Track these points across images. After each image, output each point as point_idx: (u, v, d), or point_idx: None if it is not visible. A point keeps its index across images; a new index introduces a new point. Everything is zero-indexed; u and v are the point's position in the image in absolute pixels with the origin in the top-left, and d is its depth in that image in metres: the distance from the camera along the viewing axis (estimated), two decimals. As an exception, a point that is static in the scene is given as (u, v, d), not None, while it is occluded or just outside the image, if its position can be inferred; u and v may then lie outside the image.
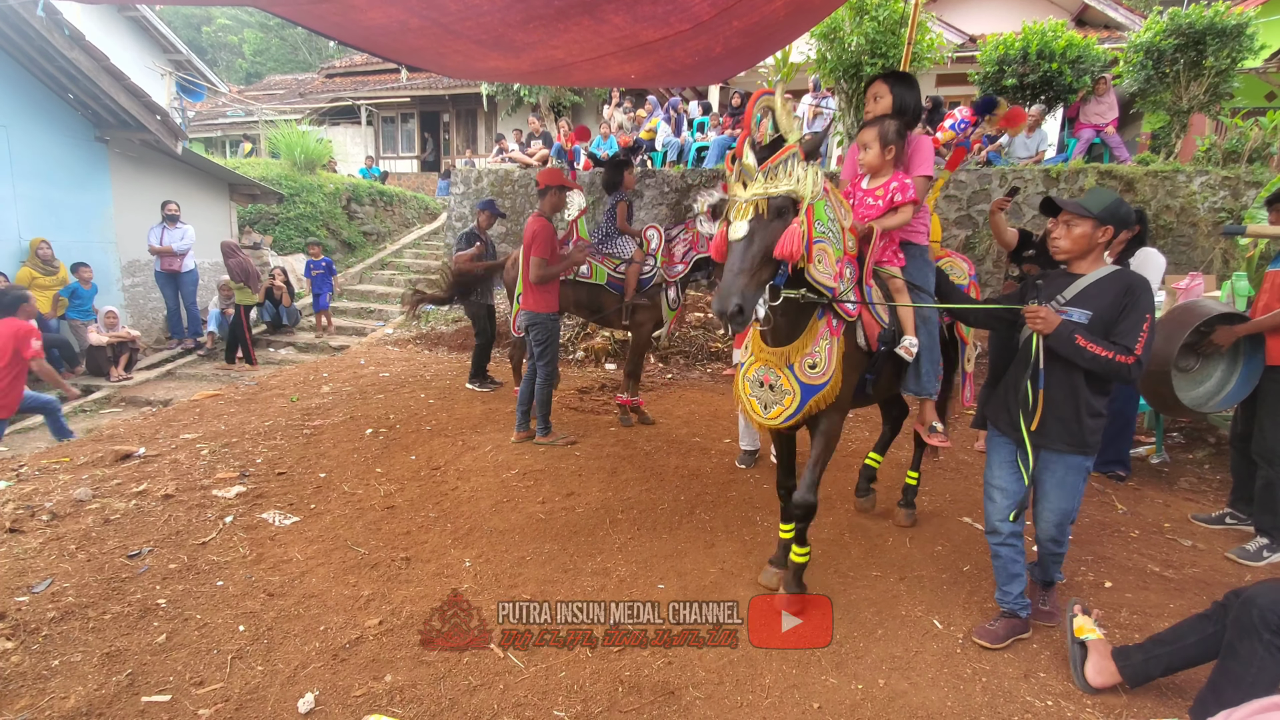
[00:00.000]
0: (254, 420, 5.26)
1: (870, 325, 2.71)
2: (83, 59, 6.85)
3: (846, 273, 2.54)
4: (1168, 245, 7.09)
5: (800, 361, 2.58)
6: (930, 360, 2.90)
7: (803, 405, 2.58)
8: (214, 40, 29.82)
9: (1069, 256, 2.51)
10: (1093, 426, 2.47)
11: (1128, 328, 2.33)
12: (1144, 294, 2.35)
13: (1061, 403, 2.47)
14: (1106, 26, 12.54)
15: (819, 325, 2.56)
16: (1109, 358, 2.30)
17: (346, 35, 4.27)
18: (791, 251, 2.21)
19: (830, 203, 2.46)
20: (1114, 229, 2.44)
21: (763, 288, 2.30)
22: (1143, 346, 2.30)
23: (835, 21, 8.19)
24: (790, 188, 2.27)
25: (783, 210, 2.28)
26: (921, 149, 2.93)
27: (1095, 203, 2.42)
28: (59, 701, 2.27)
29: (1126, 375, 2.31)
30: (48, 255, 7.16)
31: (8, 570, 3.05)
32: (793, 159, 2.28)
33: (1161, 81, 8.21)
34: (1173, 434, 5.12)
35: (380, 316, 9.73)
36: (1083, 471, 2.52)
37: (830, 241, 2.42)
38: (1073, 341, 2.34)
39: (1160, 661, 2.34)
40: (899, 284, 2.86)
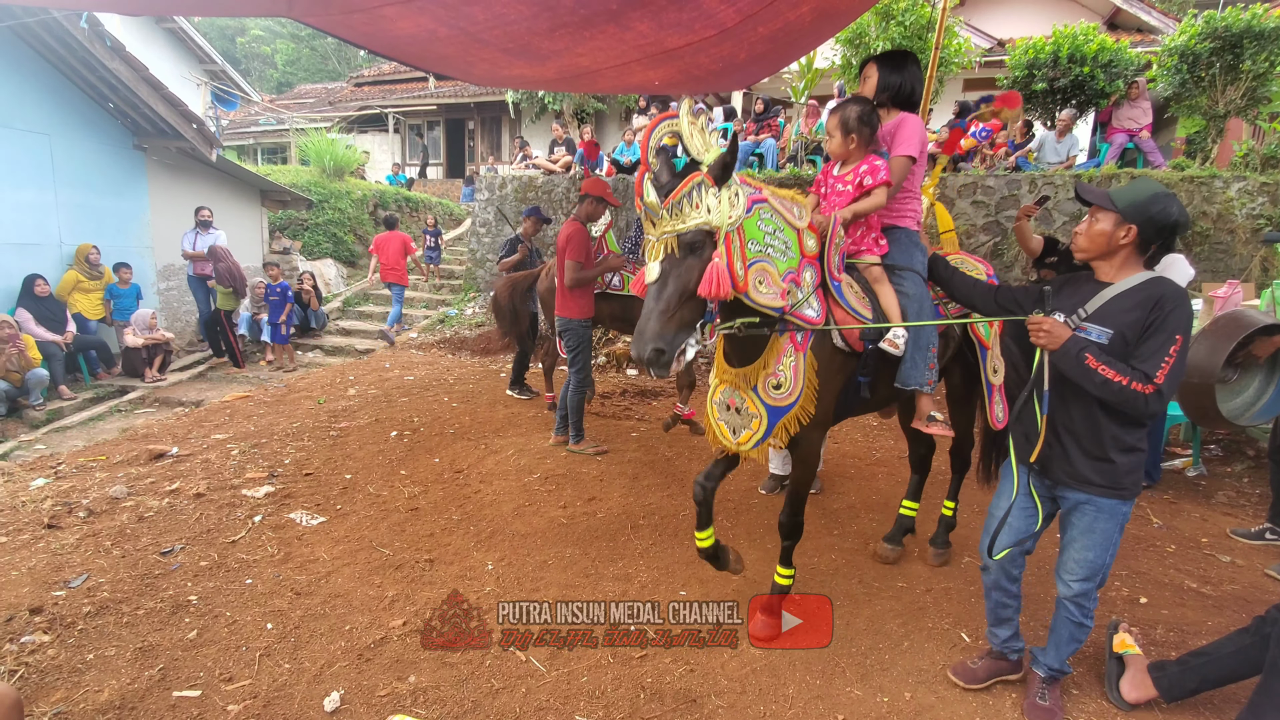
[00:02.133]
0: (282, 422, 5.35)
1: (849, 323, 2.50)
2: (123, 69, 7.05)
3: (806, 278, 2.38)
4: (1204, 252, 6.92)
5: (764, 382, 2.41)
6: (919, 349, 2.62)
7: (771, 428, 2.43)
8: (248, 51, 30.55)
9: (1087, 257, 2.13)
10: (1127, 465, 2.07)
11: (1151, 349, 1.93)
12: (1177, 310, 1.94)
13: (1084, 434, 2.10)
14: (1139, 30, 12.30)
15: (780, 342, 2.38)
16: (1123, 384, 1.91)
17: (377, 45, 4.34)
18: (717, 290, 2.03)
19: (772, 212, 2.29)
20: (1139, 230, 2.01)
21: (688, 328, 2.11)
22: (1167, 374, 1.90)
23: (861, 27, 8.15)
24: (701, 220, 2.05)
25: (696, 245, 2.08)
26: (905, 128, 2.73)
27: (1125, 194, 2.04)
28: (93, 695, 2.33)
29: (1143, 408, 1.92)
30: (96, 261, 7.38)
31: (45, 565, 3.14)
32: (699, 188, 2.05)
33: (1197, 85, 8.03)
34: (1210, 446, 4.98)
35: (405, 321, 9.84)
36: (1118, 518, 2.11)
37: (772, 258, 2.26)
38: (1081, 361, 1.97)
39: (1195, 674, 2.27)
40: (876, 272, 2.63)
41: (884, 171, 2.58)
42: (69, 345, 6.85)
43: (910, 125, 2.72)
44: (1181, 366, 1.92)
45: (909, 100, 2.77)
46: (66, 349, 6.81)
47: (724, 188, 2.09)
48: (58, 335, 6.73)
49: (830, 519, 3.79)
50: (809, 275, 2.40)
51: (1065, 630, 2.28)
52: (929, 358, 2.64)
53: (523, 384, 6.27)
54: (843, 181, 2.69)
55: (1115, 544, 2.16)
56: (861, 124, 2.62)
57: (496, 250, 9.08)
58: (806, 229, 2.43)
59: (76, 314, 7.13)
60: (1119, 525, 2.12)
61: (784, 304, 2.28)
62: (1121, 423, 2.05)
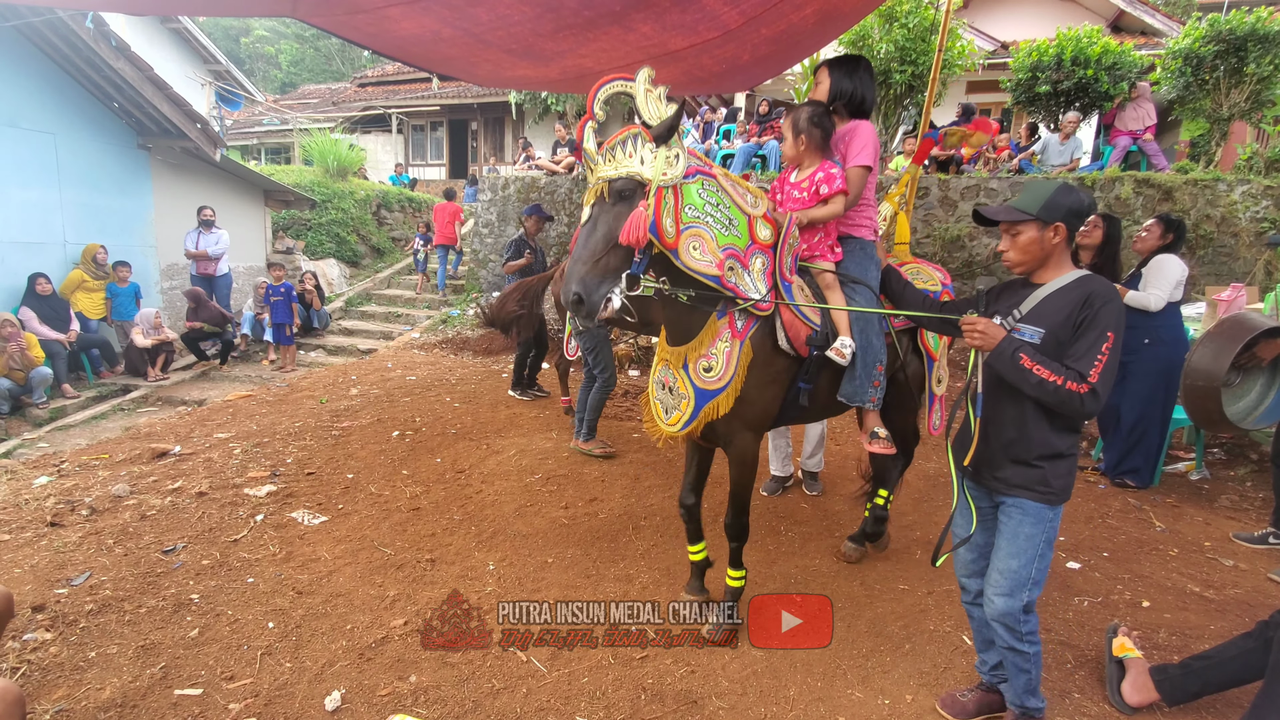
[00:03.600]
0: (285, 421, 5.36)
1: (794, 326, 2.46)
2: (128, 69, 7.08)
3: (757, 264, 2.40)
4: (1208, 255, 6.90)
5: (695, 363, 2.41)
6: (866, 363, 2.58)
7: (697, 411, 2.41)
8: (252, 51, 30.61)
9: (1026, 269, 2.08)
10: (1055, 470, 1.99)
11: (1083, 348, 1.89)
12: (1106, 306, 1.89)
13: (1014, 439, 2.04)
14: (1143, 33, 12.28)
15: (719, 325, 2.39)
16: (1058, 384, 1.86)
17: (381, 45, 4.36)
18: (635, 237, 2.09)
19: (718, 188, 2.33)
20: (1066, 225, 1.98)
21: (612, 275, 2.15)
22: (1100, 372, 1.85)
23: (864, 29, 8.15)
24: (632, 169, 2.14)
25: (625, 193, 2.15)
26: (857, 137, 2.66)
27: (1031, 200, 1.99)
28: (95, 692, 2.33)
29: (1079, 407, 1.86)
30: (104, 261, 7.41)
31: (48, 563, 3.14)
32: (633, 140, 2.15)
33: (1201, 88, 8.02)
34: (1213, 450, 4.97)
35: (407, 320, 9.86)
36: (1044, 524, 2.00)
37: (711, 227, 2.29)
38: (1016, 362, 1.92)
39: (1197, 678, 2.26)
40: (829, 279, 2.60)
41: (840, 180, 2.55)
42: (72, 344, 6.87)
43: (863, 134, 2.66)
44: (1115, 364, 1.87)
45: (861, 107, 2.74)
46: (70, 348, 6.83)
47: (664, 147, 2.15)
48: (61, 334, 6.75)
49: (831, 520, 3.78)
50: (759, 261, 2.42)
51: (1007, 660, 2.13)
52: (875, 374, 2.60)
53: (527, 384, 6.17)
54: (798, 188, 2.66)
55: (1042, 557, 2.03)
56: (813, 125, 2.59)
57: (499, 251, 9.10)
58: (760, 218, 2.44)
59: (79, 313, 7.15)
60: (1044, 534, 2.01)
61: (718, 274, 2.29)
62: (1052, 427, 1.99)
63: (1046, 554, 2.03)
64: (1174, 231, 4.14)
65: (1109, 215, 4.34)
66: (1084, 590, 3.12)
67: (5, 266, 6.76)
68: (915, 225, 7.92)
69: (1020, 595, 2.03)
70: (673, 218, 2.20)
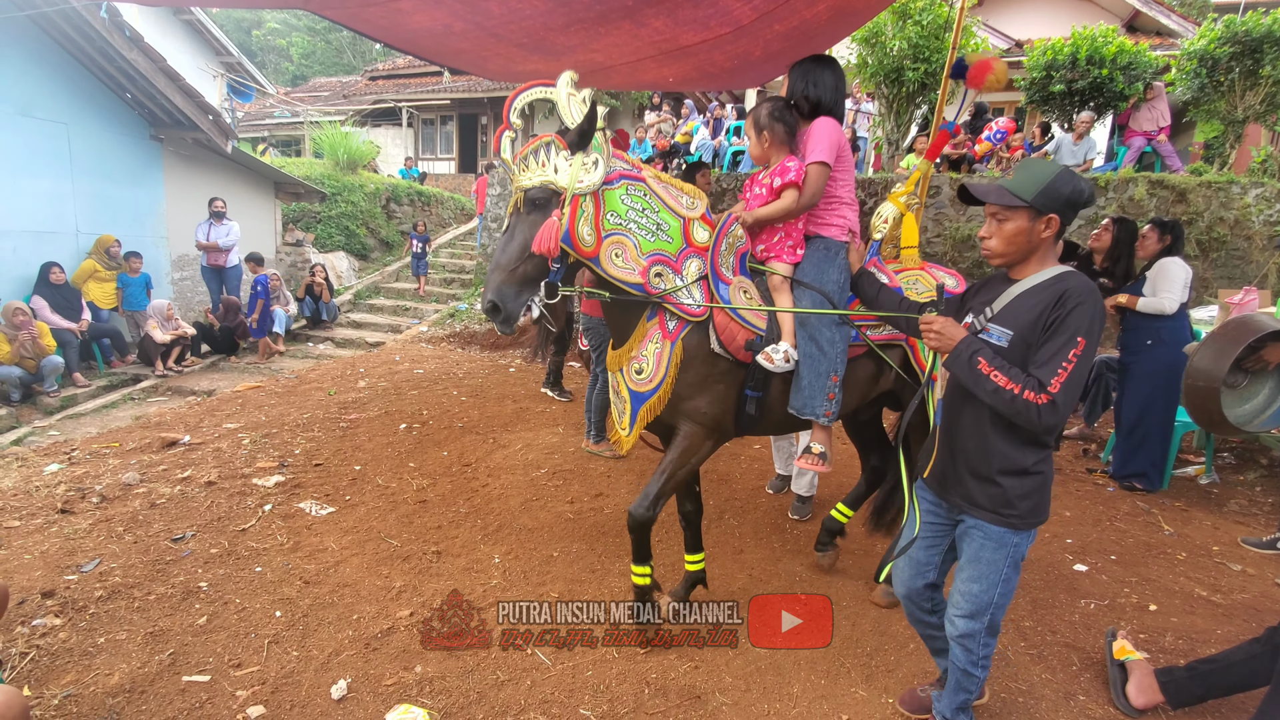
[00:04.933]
0: (293, 412, 5.39)
1: (729, 329, 2.36)
2: (141, 60, 7.10)
3: (691, 267, 2.35)
4: (1220, 258, 6.84)
5: (629, 366, 2.39)
6: (815, 373, 2.41)
7: (635, 415, 2.39)
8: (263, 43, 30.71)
9: (1006, 261, 1.85)
10: (1018, 489, 1.80)
11: (1048, 353, 1.68)
12: (1080, 307, 1.67)
13: (972, 451, 1.86)
14: (1158, 33, 12.17)
15: (648, 326, 2.36)
16: (1014, 393, 1.66)
17: (392, 38, 4.36)
18: (546, 247, 2.09)
19: (646, 192, 2.31)
20: (1061, 218, 1.76)
21: (529, 284, 2.17)
22: (1063, 382, 1.63)
23: (877, 26, 8.10)
24: (546, 178, 2.14)
25: (539, 202, 2.16)
26: (815, 132, 2.50)
27: (1027, 184, 1.75)
28: (104, 678, 2.35)
29: (1035, 420, 1.66)
30: (117, 253, 7.46)
31: (58, 549, 3.18)
32: (546, 148, 2.15)
33: (1216, 90, 7.95)
34: (1223, 454, 4.93)
35: (415, 314, 9.89)
36: (1007, 549, 1.83)
37: (635, 234, 2.27)
38: (973, 366, 1.73)
39: (1203, 681, 2.25)
40: (776, 281, 2.50)
41: (795, 174, 2.44)
42: (84, 333, 6.92)
43: (819, 130, 2.50)
44: (1083, 373, 1.67)
45: (816, 109, 2.56)
46: (81, 337, 6.88)
47: (580, 154, 2.15)
48: (73, 323, 6.80)
49: (837, 519, 3.77)
50: (694, 265, 2.37)
51: (953, 675, 2.03)
52: (828, 387, 2.42)
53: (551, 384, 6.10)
54: (759, 185, 2.57)
55: (1007, 580, 1.87)
56: (774, 120, 2.50)
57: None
58: (698, 220, 2.40)
59: (90, 302, 7.20)
60: (1009, 558, 1.84)
61: (641, 281, 2.27)
62: (1015, 440, 1.79)
63: (1012, 577, 1.87)
64: (1171, 234, 4.13)
65: (1122, 218, 4.31)
66: (1090, 593, 3.11)
67: (18, 255, 6.81)
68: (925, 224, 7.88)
69: (983, 618, 1.90)
70: (592, 225, 2.20)
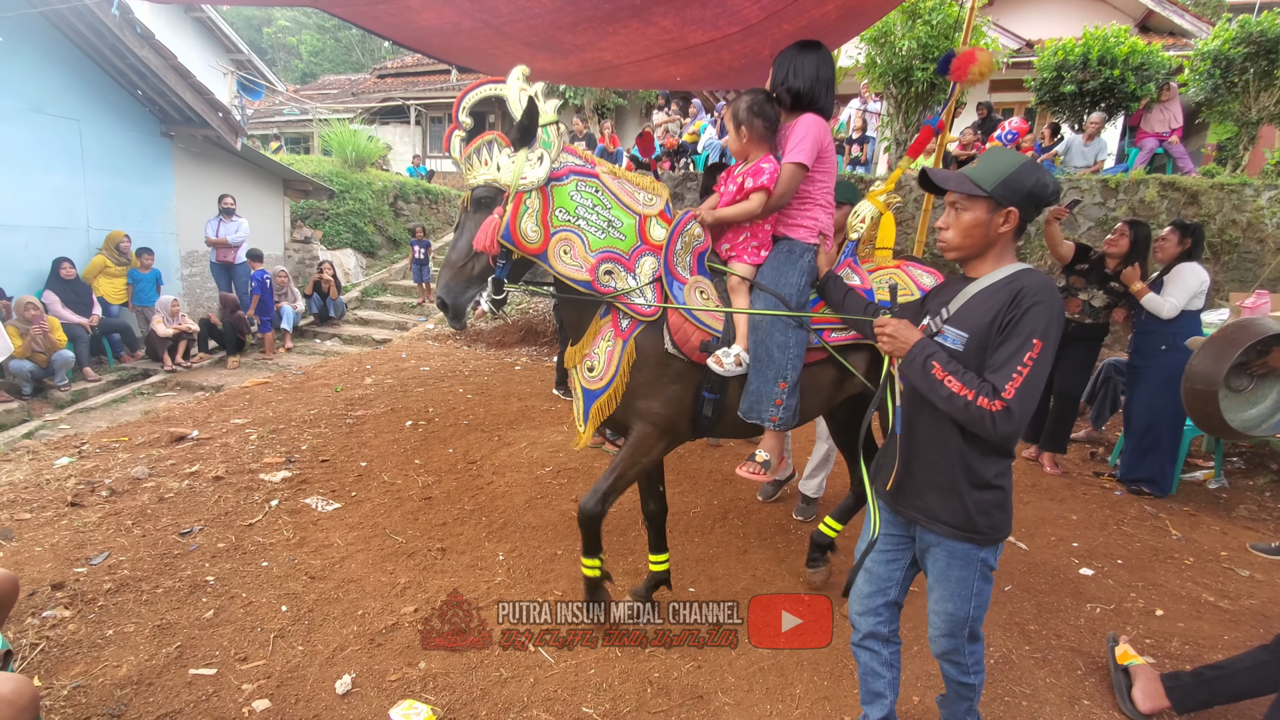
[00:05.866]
0: (300, 408, 5.42)
1: (682, 330, 2.31)
2: (152, 57, 7.15)
3: (646, 266, 2.31)
4: (1233, 261, 6.79)
5: (582, 363, 2.39)
6: (763, 378, 2.33)
7: (587, 413, 2.38)
8: (273, 41, 30.85)
9: (962, 255, 1.76)
10: (981, 503, 1.70)
11: (1003, 357, 1.59)
12: (1036, 307, 1.58)
13: (935, 462, 1.75)
14: (1171, 33, 12.08)
15: (601, 324, 2.35)
16: (968, 399, 1.58)
17: (401, 36, 4.38)
18: (485, 244, 2.14)
19: (599, 189, 2.29)
20: (1020, 212, 1.67)
21: (476, 281, 2.23)
22: (1018, 388, 1.55)
23: (886, 25, 8.07)
24: (490, 176, 2.18)
25: (484, 201, 2.20)
26: (797, 130, 2.36)
27: (989, 173, 1.67)
28: (112, 670, 2.37)
29: (989, 429, 1.58)
30: (127, 249, 7.52)
31: (68, 542, 3.21)
32: (488, 146, 2.18)
33: (1229, 91, 7.89)
34: (1232, 459, 4.89)
35: (422, 311, 9.92)
36: (974, 566, 1.75)
37: (584, 230, 2.26)
38: (927, 371, 1.66)
39: (1209, 687, 2.24)
40: (734, 282, 2.41)
41: (767, 176, 2.32)
42: (94, 328, 6.98)
43: (802, 127, 2.36)
44: (1040, 377, 1.57)
45: (798, 100, 2.42)
46: (92, 332, 6.94)
47: (525, 150, 2.17)
48: (84, 318, 6.86)
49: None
50: (649, 263, 2.33)
51: (951, 688, 1.95)
52: (775, 392, 2.33)
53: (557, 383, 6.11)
54: (734, 180, 2.45)
55: (980, 595, 1.78)
56: (753, 115, 2.37)
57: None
58: (656, 217, 2.36)
59: (100, 297, 7.26)
60: (978, 574, 1.76)
61: (589, 279, 2.26)
62: (976, 450, 1.69)
63: (984, 589, 1.79)
64: (1191, 236, 4.09)
65: (1136, 221, 4.27)
66: (1097, 597, 3.09)
67: (29, 250, 6.87)
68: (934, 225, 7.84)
69: (961, 633, 1.83)
70: (538, 222, 2.20)
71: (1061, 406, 4.54)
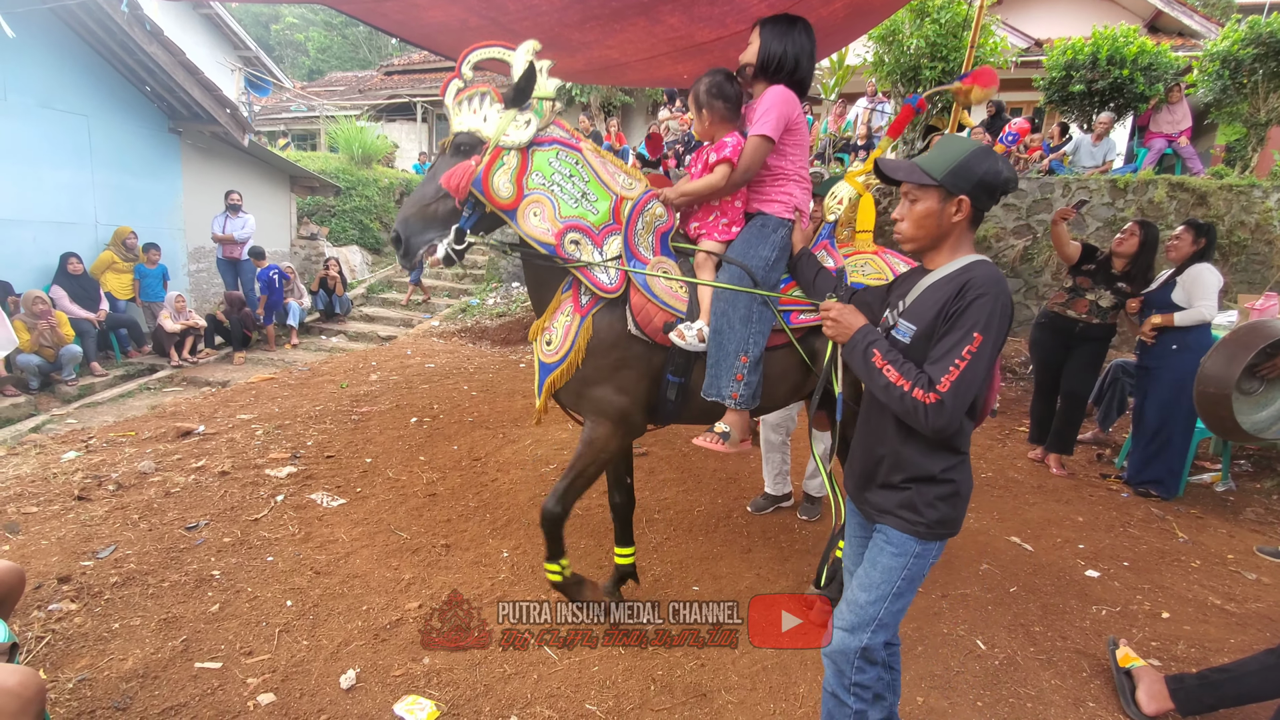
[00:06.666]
0: (306, 404, 5.44)
1: (645, 310, 2.27)
2: (160, 53, 7.18)
3: (612, 244, 2.28)
4: (1241, 263, 6.76)
5: (540, 336, 2.37)
6: (722, 351, 2.26)
7: (541, 385, 2.35)
8: (281, 38, 30.91)
9: (917, 246, 1.71)
10: (926, 496, 1.63)
11: (943, 349, 1.54)
12: (980, 300, 1.51)
13: (883, 456, 1.70)
14: (1180, 34, 12.00)
15: (562, 298, 2.34)
16: (904, 390, 1.54)
17: (408, 33, 4.38)
18: (454, 184, 2.16)
19: (579, 161, 2.29)
20: (972, 200, 1.60)
21: (437, 223, 2.25)
22: (954, 381, 1.49)
23: (895, 23, 8.06)
24: (474, 126, 2.21)
25: (463, 148, 2.23)
26: (763, 103, 2.32)
27: (939, 161, 1.62)
28: (118, 663, 2.39)
29: (922, 421, 1.53)
30: (134, 245, 7.56)
31: (75, 535, 3.22)
32: (481, 97, 2.23)
33: (1239, 92, 7.85)
34: (1240, 461, 4.87)
35: (427, 308, 9.94)
36: (906, 559, 1.66)
37: (557, 197, 2.25)
38: (867, 359, 1.62)
39: (1214, 690, 2.23)
40: (700, 258, 2.37)
41: (730, 149, 2.28)
42: (102, 323, 7.01)
43: (769, 99, 2.31)
44: (978, 372, 1.50)
45: (793, 75, 2.36)
46: (99, 327, 6.97)
47: (514, 109, 2.21)
48: (91, 313, 6.89)
49: (846, 520, 3.76)
50: (616, 243, 2.30)
51: (825, 702, 1.81)
52: (736, 367, 2.26)
53: None
54: (700, 162, 2.42)
55: (899, 596, 1.67)
56: (713, 97, 2.35)
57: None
58: (632, 199, 2.34)
59: (108, 293, 7.29)
60: (905, 570, 1.66)
61: (554, 243, 2.24)
62: (921, 444, 1.63)
63: (905, 594, 1.68)
64: (1205, 237, 4.06)
65: (1145, 222, 4.24)
66: (1102, 599, 3.08)
67: (37, 245, 6.91)
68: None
69: (861, 634, 1.69)
70: (512, 179, 2.22)
71: (1068, 408, 4.51)
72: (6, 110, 6.58)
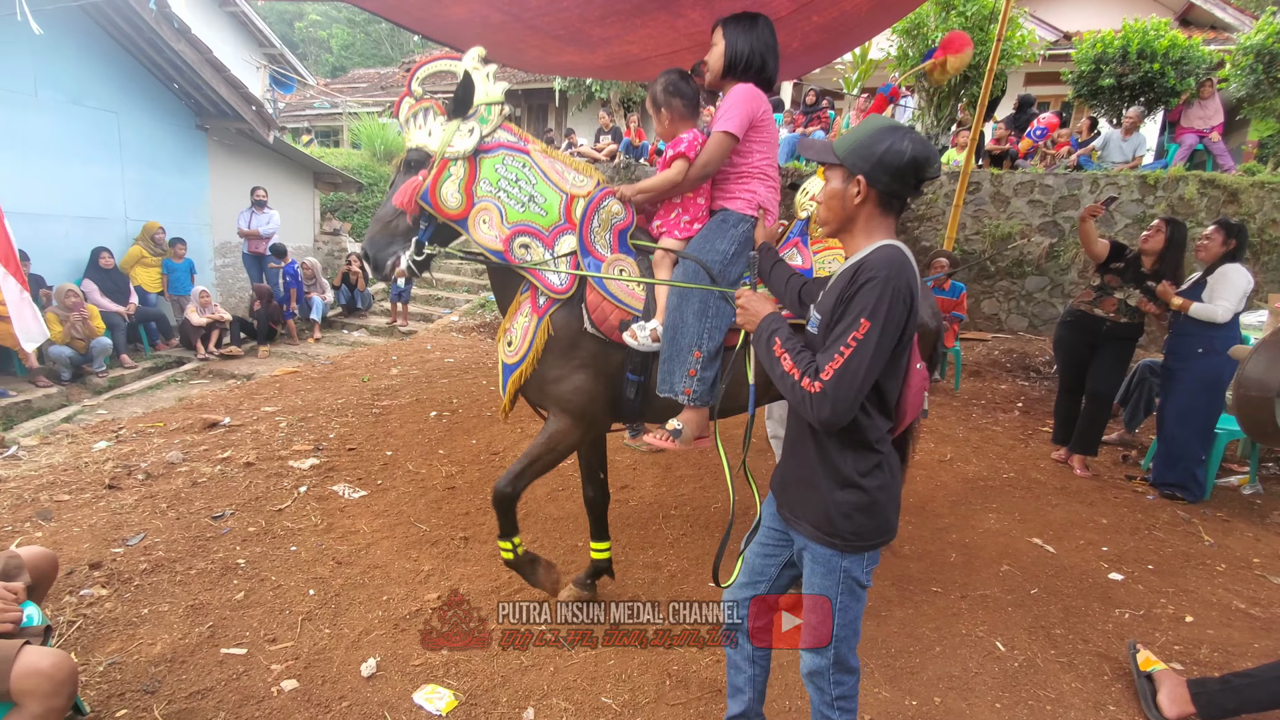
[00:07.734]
0: (328, 398, 5.52)
1: (600, 308, 2.26)
2: (188, 51, 7.30)
3: (564, 244, 2.29)
4: (1272, 261, 6.60)
5: (502, 337, 2.42)
6: (675, 346, 2.23)
7: (504, 385, 2.38)
8: (305, 35, 31.26)
9: (828, 229, 1.62)
10: (843, 504, 1.53)
11: (831, 337, 1.46)
12: (869, 285, 1.41)
13: (800, 454, 1.63)
14: (1213, 27, 11.71)
15: (521, 300, 2.36)
16: (794, 378, 1.47)
17: (430, 29, 4.41)
18: (403, 201, 2.26)
19: (526, 165, 2.30)
20: (868, 180, 1.50)
21: (399, 238, 2.33)
22: (836, 370, 1.41)
23: (919, 16, 7.95)
24: (420, 142, 2.28)
25: (414, 164, 2.31)
26: (726, 100, 2.30)
27: (847, 140, 1.55)
28: (147, 647, 2.45)
29: (807, 411, 1.46)
30: (162, 240, 7.72)
31: (105, 523, 3.31)
32: (425, 113, 2.28)
33: (1272, 87, 7.65)
34: (1268, 464, 4.76)
35: (447, 304, 10.02)
36: (836, 575, 1.59)
37: (504, 204, 2.27)
38: (770, 346, 1.56)
39: (1236, 695, 2.19)
40: (658, 256, 2.36)
41: (686, 144, 2.27)
42: (131, 316, 7.17)
43: (733, 96, 2.29)
44: (863, 361, 1.40)
45: (761, 73, 2.35)
46: (129, 320, 7.13)
47: (458, 120, 2.27)
48: (121, 306, 7.05)
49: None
50: (568, 241, 2.30)
51: (814, 717, 1.75)
52: (689, 362, 2.23)
53: None
54: (662, 162, 2.41)
55: (845, 610, 1.62)
56: (670, 96, 2.36)
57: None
58: (583, 197, 2.33)
59: (137, 286, 7.45)
60: (841, 584, 1.59)
61: (502, 249, 2.28)
62: (835, 442, 1.54)
63: (850, 606, 1.62)
64: (1236, 237, 3.96)
65: (1173, 219, 4.15)
66: (1126, 603, 3.04)
67: (69, 240, 7.07)
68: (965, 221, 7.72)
69: (826, 652, 1.66)
70: (460, 189, 2.26)
71: (1094, 408, 4.44)
72: (38, 106, 6.73)
